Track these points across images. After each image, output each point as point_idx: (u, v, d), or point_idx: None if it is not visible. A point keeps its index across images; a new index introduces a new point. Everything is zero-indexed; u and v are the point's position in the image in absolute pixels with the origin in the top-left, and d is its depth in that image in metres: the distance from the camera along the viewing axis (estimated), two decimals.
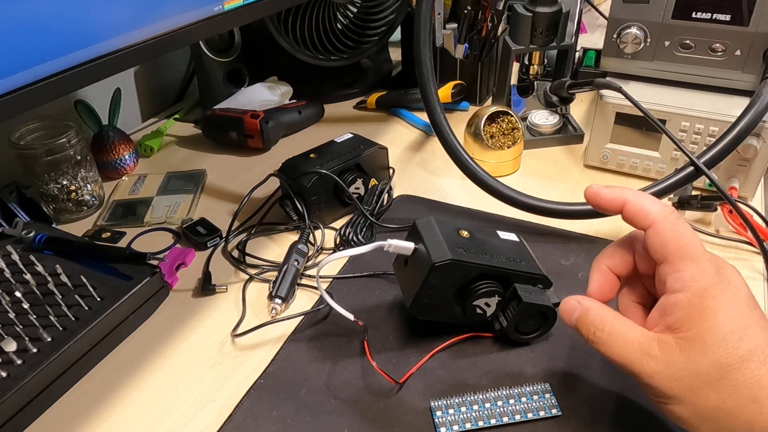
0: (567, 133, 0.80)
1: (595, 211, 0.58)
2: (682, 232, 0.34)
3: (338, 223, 0.65)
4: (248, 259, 0.61)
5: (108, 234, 0.66)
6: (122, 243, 0.64)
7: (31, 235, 0.58)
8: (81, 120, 0.75)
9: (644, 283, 0.39)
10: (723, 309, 0.33)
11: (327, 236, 0.64)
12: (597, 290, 0.39)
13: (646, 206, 0.36)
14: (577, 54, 0.90)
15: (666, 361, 0.33)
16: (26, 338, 0.46)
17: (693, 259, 0.34)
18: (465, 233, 0.48)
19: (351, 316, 0.47)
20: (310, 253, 0.60)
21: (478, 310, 0.47)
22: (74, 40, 0.41)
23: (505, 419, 0.42)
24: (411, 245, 0.47)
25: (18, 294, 0.50)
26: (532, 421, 0.42)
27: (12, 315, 0.48)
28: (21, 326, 0.48)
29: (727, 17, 0.63)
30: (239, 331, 0.52)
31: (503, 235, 0.51)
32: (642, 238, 0.37)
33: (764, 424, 0.31)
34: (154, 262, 0.56)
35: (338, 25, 0.92)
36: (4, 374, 0.44)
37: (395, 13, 0.94)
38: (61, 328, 0.48)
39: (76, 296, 0.50)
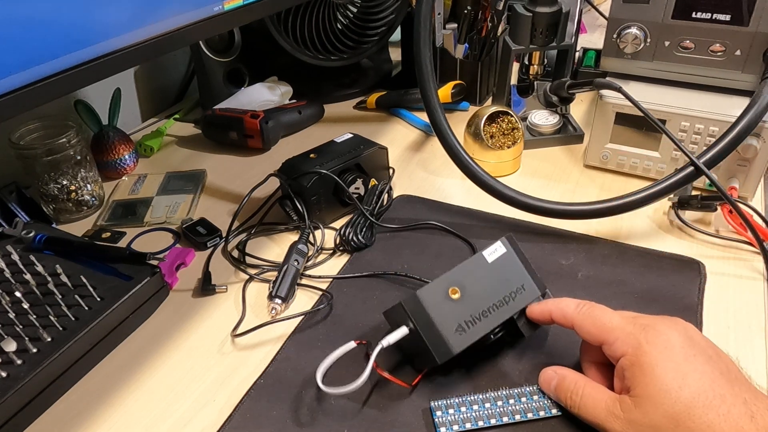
0: (567, 133, 0.80)
1: (595, 211, 0.59)
2: (596, 317, 0.41)
3: (338, 223, 0.65)
4: (248, 259, 0.61)
5: (108, 234, 0.66)
6: (122, 243, 0.64)
7: (31, 235, 0.58)
8: (81, 120, 0.75)
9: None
10: (657, 362, 0.36)
11: (327, 236, 0.64)
12: (589, 373, 0.44)
13: (563, 310, 0.43)
14: (577, 54, 0.90)
15: (628, 419, 0.37)
16: (26, 338, 0.46)
17: (614, 330, 0.39)
18: (455, 293, 0.44)
19: (353, 344, 0.45)
20: (310, 253, 0.60)
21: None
22: (74, 40, 0.41)
23: (505, 419, 0.42)
24: (404, 331, 0.44)
25: (18, 294, 0.50)
26: (532, 421, 0.42)
27: (12, 315, 0.48)
28: (21, 326, 0.48)
29: (727, 17, 0.63)
30: (239, 331, 0.52)
31: (492, 256, 0.46)
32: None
33: None
34: (154, 262, 0.56)
35: (338, 25, 0.92)
36: (4, 374, 0.44)
37: (395, 13, 0.94)
38: (61, 328, 0.48)
39: (76, 296, 0.50)
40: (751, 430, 0.33)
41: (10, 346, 0.46)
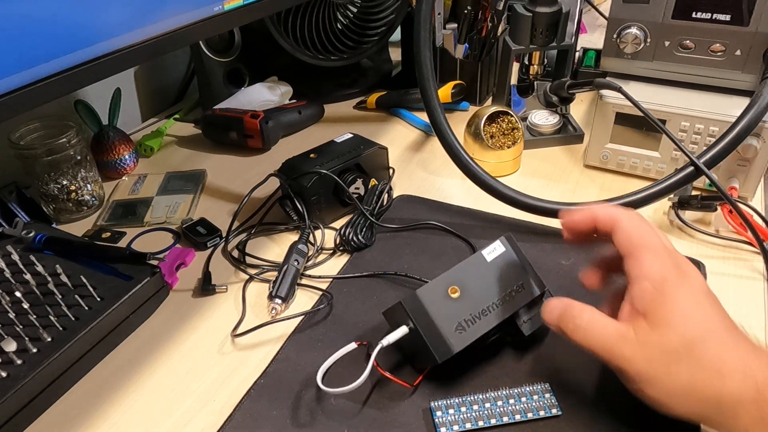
0: (567, 133, 0.80)
1: None
2: (643, 228, 0.39)
3: (338, 223, 0.65)
4: (248, 259, 0.61)
5: (108, 234, 0.66)
6: (122, 243, 0.64)
7: (31, 235, 0.58)
8: (81, 120, 0.75)
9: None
10: (683, 296, 0.37)
11: (327, 236, 0.64)
12: (587, 276, 0.44)
13: (611, 211, 0.41)
14: (577, 54, 0.90)
15: (641, 342, 0.36)
16: (26, 338, 0.46)
17: (652, 250, 0.38)
18: (455, 292, 0.44)
19: (354, 345, 0.45)
20: (310, 253, 0.60)
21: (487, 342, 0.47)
22: (74, 40, 0.41)
23: (505, 419, 0.42)
24: (404, 330, 0.44)
25: (18, 294, 0.50)
26: (532, 421, 0.42)
27: (12, 315, 0.48)
28: (21, 326, 0.48)
29: (727, 17, 0.63)
30: (239, 331, 0.52)
31: (490, 255, 0.46)
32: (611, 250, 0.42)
33: (729, 396, 0.34)
34: (154, 262, 0.56)
35: (338, 25, 0.92)
36: (4, 374, 0.44)
37: (395, 13, 0.94)
38: (61, 328, 0.48)
39: (76, 296, 0.50)
40: (756, 369, 0.34)
41: (10, 346, 0.46)
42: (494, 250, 0.46)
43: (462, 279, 0.44)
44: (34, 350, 0.46)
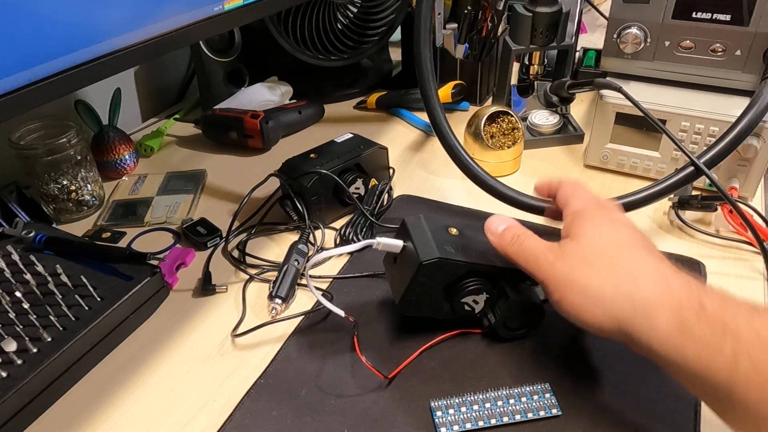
0: (567, 133, 0.80)
1: None
2: (578, 189, 0.46)
3: (338, 223, 0.65)
4: (248, 259, 0.61)
5: (108, 234, 0.66)
6: (122, 243, 0.64)
7: (32, 235, 0.58)
8: (81, 120, 0.75)
9: None
10: (599, 216, 0.42)
11: (327, 236, 0.64)
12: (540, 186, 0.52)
13: (560, 179, 0.49)
14: (577, 54, 0.90)
15: (563, 252, 0.41)
16: (26, 338, 0.46)
17: (580, 197, 0.45)
18: (454, 231, 0.48)
19: (342, 312, 0.48)
20: (310, 253, 0.60)
21: (467, 307, 0.48)
22: (74, 40, 0.41)
23: (505, 419, 0.42)
24: (400, 243, 0.47)
25: (18, 294, 0.50)
26: (532, 421, 0.42)
27: (12, 315, 0.48)
28: (21, 326, 0.48)
29: (727, 17, 0.63)
30: (239, 331, 0.52)
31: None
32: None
33: (640, 296, 0.37)
34: (155, 262, 0.56)
35: (338, 25, 0.92)
36: (4, 374, 0.44)
37: (395, 13, 0.94)
38: (61, 328, 0.48)
39: (77, 296, 0.50)
40: (672, 276, 0.37)
41: (11, 346, 0.46)
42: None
43: (463, 229, 0.49)
44: (35, 350, 0.46)
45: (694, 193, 0.63)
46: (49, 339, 0.47)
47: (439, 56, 0.91)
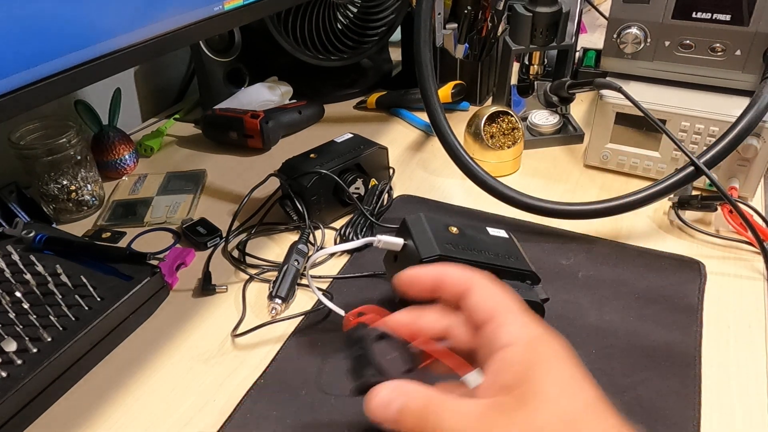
0: (567, 133, 0.80)
1: (595, 211, 0.59)
2: (501, 290, 0.33)
3: (338, 223, 0.65)
4: (248, 259, 0.61)
5: (108, 234, 0.66)
6: (122, 243, 0.64)
7: (32, 235, 0.58)
8: (81, 120, 0.75)
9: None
10: (557, 359, 0.30)
11: (327, 236, 0.64)
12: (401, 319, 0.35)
13: (462, 273, 0.34)
14: (577, 54, 0.90)
15: (508, 424, 0.28)
16: (26, 338, 0.46)
17: (516, 311, 0.32)
18: (454, 229, 0.48)
19: (342, 312, 0.47)
20: (311, 253, 0.60)
21: None
22: (74, 40, 0.41)
23: None
24: (400, 241, 0.47)
25: (18, 294, 0.50)
26: None
27: (12, 315, 0.48)
28: (21, 326, 0.48)
29: (727, 17, 0.63)
30: (239, 331, 0.52)
31: (493, 231, 0.51)
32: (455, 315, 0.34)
33: None
34: (154, 262, 0.56)
35: (338, 25, 0.92)
36: (4, 374, 0.44)
37: (395, 13, 0.94)
38: (61, 328, 0.48)
39: (76, 296, 0.50)
40: None
41: (11, 346, 0.46)
42: (498, 230, 0.51)
43: (463, 228, 0.49)
44: (35, 350, 0.46)
45: (694, 193, 0.63)
46: (49, 339, 0.47)
47: (439, 56, 0.91)
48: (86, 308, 0.50)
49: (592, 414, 0.29)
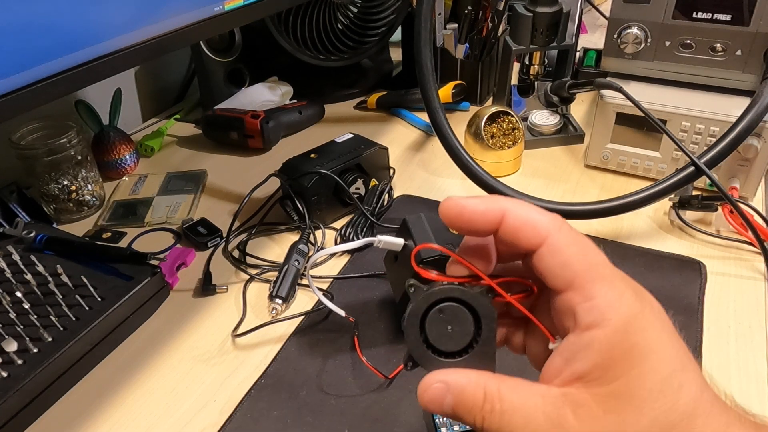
0: (567, 133, 0.80)
1: (595, 211, 0.59)
2: (586, 246, 0.26)
3: (339, 223, 0.65)
4: (249, 259, 0.61)
5: (108, 234, 0.66)
6: (123, 243, 0.64)
7: (32, 235, 0.58)
8: (82, 120, 0.75)
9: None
10: (655, 347, 0.24)
11: (327, 236, 0.64)
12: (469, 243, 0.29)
13: (533, 217, 0.26)
14: (577, 54, 0.90)
15: (588, 430, 0.23)
16: (27, 338, 0.46)
17: (606, 280, 0.25)
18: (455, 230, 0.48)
19: (342, 312, 0.47)
20: (311, 253, 0.60)
21: None
22: (75, 40, 0.41)
23: None
24: (401, 241, 0.47)
25: (19, 294, 0.50)
26: None
27: (13, 315, 0.48)
28: (22, 326, 0.48)
29: (728, 17, 0.63)
30: (240, 331, 0.52)
31: None
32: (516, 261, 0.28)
33: None
34: (155, 262, 0.56)
35: (338, 26, 0.92)
36: (4, 374, 0.44)
37: (395, 13, 0.94)
38: (61, 328, 0.48)
39: (77, 296, 0.50)
40: None
41: (11, 346, 0.46)
42: None
43: None
44: (35, 350, 0.46)
45: (695, 193, 0.63)
46: (50, 339, 0.47)
47: (439, 56, 0.91)
48: (87, 308, 0.50)
49: (696, 420, 0.23)
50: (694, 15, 0.64)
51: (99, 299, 0.51)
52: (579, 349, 0.24)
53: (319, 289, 0.56)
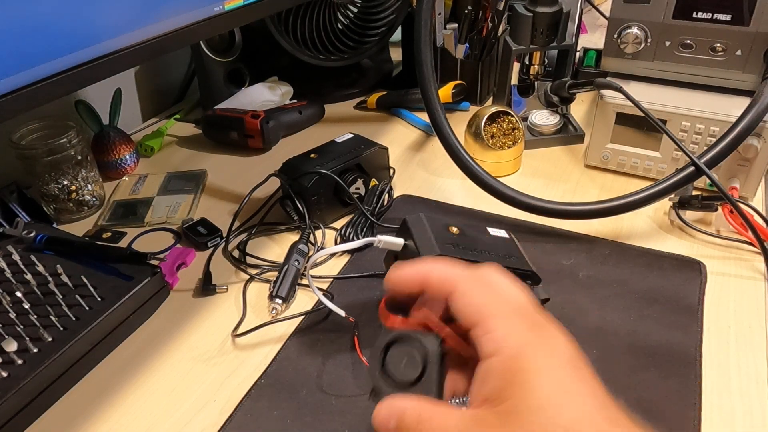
0: (567, 133, 0.80)
1: (595, 211, 0.59)
2: (488, 288, 0.31)
3: (339, 223, 0.65)
4: (249, 259, 0.61)
5: (108, 234, 0.66)
6: (123, 243, 0.64)
7: (32, 235, 0.58)
8: (82, 120, 0.75)
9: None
10: (539, 371, 0.28)
11: (327, 236, 0.64)
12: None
13: (447, 270, 0.32)
14: (577, 54, 0.90)
15: None
16: (27, 338, 0.46)
17: (501, 315, 0.29)
18: (455, 229, 0.48)
19: (342, 312, 0.48)
20: (311, 253, 0.60)
21: None
22: (75, 40, 0.41)
23: None
24: (401, 241, 0.47)
25: (19, 294, 0.50)
26: None
27: (13, 315, 0.48)
28: (22, 326, 0.48)
29: (728, 17, 0.62)
30: (240, 331, 0.52)
31: (493, 231, 0.51)
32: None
33: None
34: (155, 262, 0.56)
35: (338, 25, 0.92)
36: (4, 374, 0.44)
37: (396, 13, 0.94)
38: (61, 328, 0.48)
39: (77, 296, 0.50)
40: None
41: (11, 346, 0.46)
42: (498, 231, 0.51)
43: (463, 228, 0.49)
44: (35, 350, 0.46)
45: (695, 193, 0.63)
46: (50, 339, 0.47)
47: (439, 56, 0.91)
48: (87, 308, 0.50)
49: (586, 427, 0.27)
50: (694, 15, 0.64)
51: (99, 299, 0.51)
52: (484, 375, 0.29)
53: (319, 289, 0.56)
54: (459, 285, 0.31)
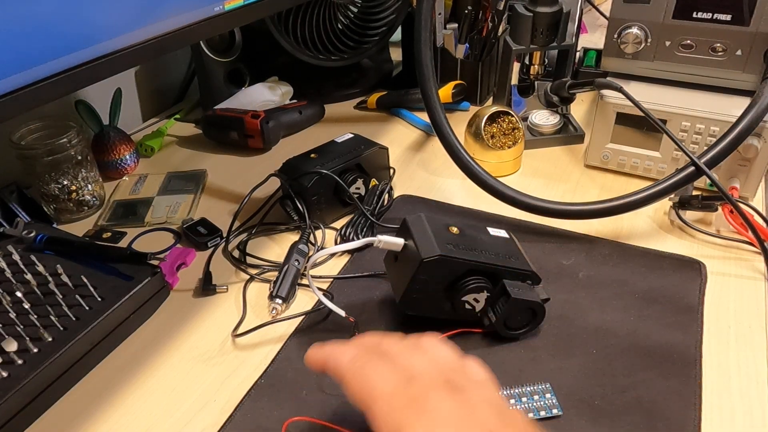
0: (568, 133, 0.80)
1: (595, 211, 0.59)
2: (366, 377, 0.34)
3: (339, 223, 0.65)
4: (249, 259, 0.61)
5: (109, 234, 0.66)
6: (123, 243, 0.64)
7: (32, 235, 0.58)
8: (82, 120, 0.75)
9: None
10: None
11: (327, 236, 0.64)
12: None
13: (337, 360, 0.36)
14: (577, 54, 0.90)
15: None
16: (27, 338, 0.46)
17: (378, 401, 0.33)
18: (455, 229, 0.48)
19: (342, 312, 0.48)
20: (311, 253, 0.60)
21: (467, 306, 0.48)
22: (75, 40, 0.41)
23: None
24: (401, 241, 0.48)
25: (19, 294, 0.50)
26: (532, 421, 0.42)
27: (13, 315, 0.48)
28: (22, 326, 0.48)
29: (728, 17, 0.63)
30: (240, 331, 0.52)
31: (493, 231, 0.51)
32: None
33: None
34: (155, 262, 0.56)
35: (339, 25, 0.92)
36: (4, 374, 0.44)
37: (396, 13, 0.94)
38: (61, 328, 0.48)
39: (77, 296, 0.50)
40: None
41: (11, 346, 0.46)
42: (498, 231, 0.51)
43: (463, 228, 0.49)
44: (35, 350, 0.46)
45: (695, 193, 0.63)
46: (50, 339, 0.47)
47: (439, 56, 0.91)
48: (87, 308, 0.50)
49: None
50: (694, 15, 0.64)
51: (99, 299, 0.51)
52: None
53: (319, 289, 0.56)
54: (345, 378, 0.35)
